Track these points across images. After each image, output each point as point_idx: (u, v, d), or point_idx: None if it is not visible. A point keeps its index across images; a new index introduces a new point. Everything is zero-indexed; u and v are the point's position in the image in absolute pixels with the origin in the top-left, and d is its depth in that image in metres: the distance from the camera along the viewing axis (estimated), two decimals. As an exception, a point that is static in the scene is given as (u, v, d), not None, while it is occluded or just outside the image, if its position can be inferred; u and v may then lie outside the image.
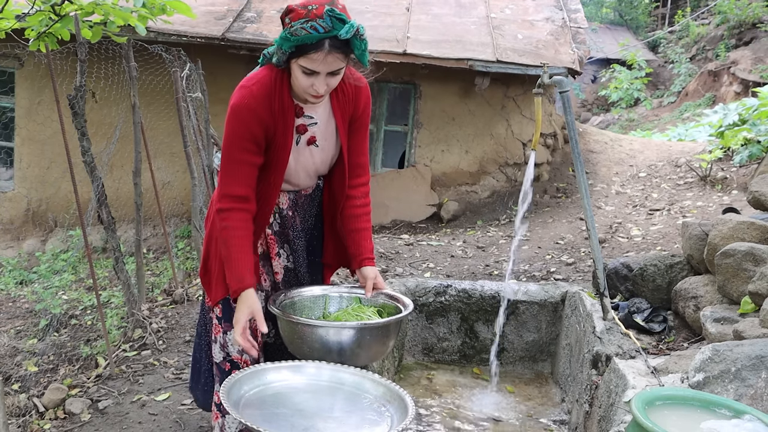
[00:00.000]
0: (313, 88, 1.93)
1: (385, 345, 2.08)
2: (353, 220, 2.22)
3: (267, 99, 1.99)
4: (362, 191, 2.25)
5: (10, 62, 7.66)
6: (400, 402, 1.70)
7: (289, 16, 1.87)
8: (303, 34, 1.83)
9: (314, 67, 1.89)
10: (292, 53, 1.90)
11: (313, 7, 1.84)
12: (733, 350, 1.81)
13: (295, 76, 1.95)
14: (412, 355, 3.65)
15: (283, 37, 1.88)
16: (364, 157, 2.26)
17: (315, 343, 1.96)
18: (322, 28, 1.83)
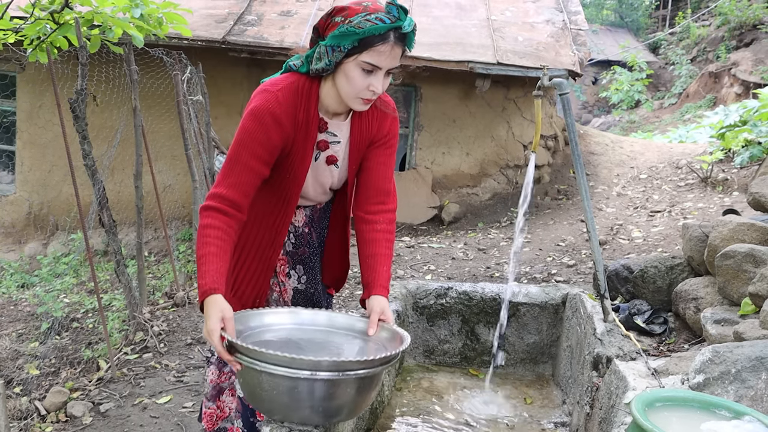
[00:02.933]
0: (370, 88, 1.82)
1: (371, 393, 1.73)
2: (372, 245, 2.04)
3: (292, 108, 1.89)
4: (386, 218, 2.08)
5: (12, 66, 7.68)
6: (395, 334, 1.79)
7: (341, 14, 1.79)
8: (369, 26, 1.74)
9: (379, 62, 1.79)
10: (352, 50, 1.78)
11: (367, 4, 1.78)
12: (733, 352, 1.81)
13: (348, 77, 1.82)
14: (413, 358, 3.65)
15: (340, 34, 1.77)
16: (389, 183, 2.11)
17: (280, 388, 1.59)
18: (389, 19, 1.76)
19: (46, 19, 3.59)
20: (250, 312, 1.82)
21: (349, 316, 1.89)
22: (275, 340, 1.74)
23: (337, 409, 1.59)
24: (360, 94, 1.84)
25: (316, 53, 1.85)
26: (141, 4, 3.72)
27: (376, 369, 1.59)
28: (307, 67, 1.90)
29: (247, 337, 1.72)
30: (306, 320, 1.88)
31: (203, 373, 2.33)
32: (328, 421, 1.61)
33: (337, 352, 1.72)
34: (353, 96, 1.85)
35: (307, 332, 1.83)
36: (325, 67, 1.83)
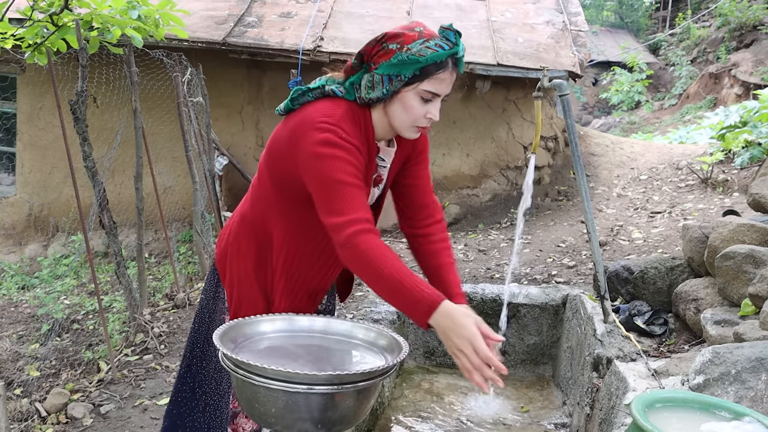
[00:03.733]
0: (428, 116, 1.78)
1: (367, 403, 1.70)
2: (434, 256, 2.02)
3: (359, 138, 1.79)
4: (438, 228, 2.06)
5: (12, 68, 7.68)
6: (393, 342, 1.74)
7: (396, 41, 1.73)
8: (430, 54, 1.71)
9: (439, 89, 1.76)
10: (412, 79, 1.73)
11: (420, 29, 1.75)
12: (733, 352, 1.81)
13: (405, 106, 1.77)
14: (414, 359, 3.65)
15: (399, 62, 1.72)
16: (431, 195, 2.09)
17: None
18: (447, 46, 1.73)
19: (44, 21, 3.59)
20: (245, 320, 1.80)
21: (347, 322, 1.88)
22: (272, 349, 1.72)
23: (338, 419, 1.58)
24: (417, 123, 1.80)
25: (367, 81, 1.78)
26: (138, 5, 3.72)
27: (375, 380, 1.58)
28: (353, 95, 1.82)
29: (243, 347, 1.70)
30: (303, 328, 1.86)
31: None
32: (328, 431, 1.61)
33: (336, 361, 1.70)
34: (409, 125, 1.81)
35: (305, 340, 1.81)
36: (381, 96, 1.77)
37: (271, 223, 1.92)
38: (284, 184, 1.85)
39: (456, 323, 1.58)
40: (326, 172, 1.70)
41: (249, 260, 1.97)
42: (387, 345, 1.79)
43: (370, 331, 1.84)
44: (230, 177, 7.92)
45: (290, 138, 1.80)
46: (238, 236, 2.00)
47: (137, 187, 4.74)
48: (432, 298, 1.61)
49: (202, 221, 6.02)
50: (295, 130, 1.79)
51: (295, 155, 1.78)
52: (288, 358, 1.66)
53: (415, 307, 1.62)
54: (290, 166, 1.81)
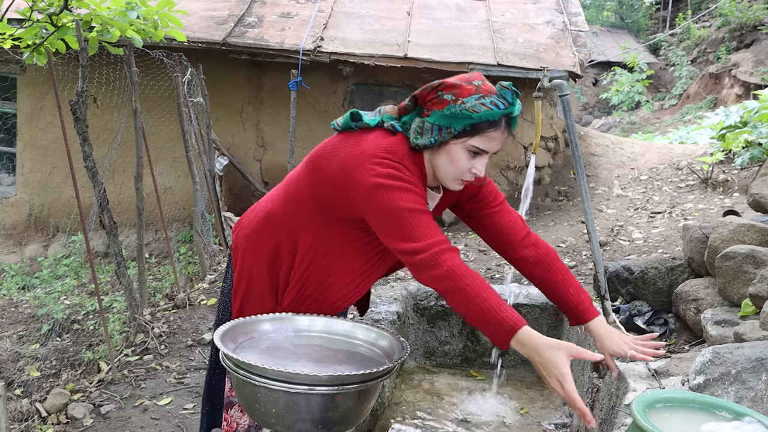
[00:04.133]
0: (473, 171, 1.76)
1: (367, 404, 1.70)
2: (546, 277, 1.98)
3: (417, 174, 1.77)
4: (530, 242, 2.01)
5: (12, 68, 7.69)
6: (393, 343, 1.76)
7: (452, 91, 1.70)
8: (484, 111, 1.68)
9: (488, 147, 1.73)
10: (461, 133, 1.71)
11: (478, 83, 1.72)
12: (733, 353, 1.81)
13: (452, 159, 1.75)
14: (414, 359, 3.65)
15: (451, 115, 1.69)
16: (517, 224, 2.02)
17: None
18: (503, 104, 1.70)
19: (44, 21, 3.59)
20: (245, 320, 1.80)
21: (348, 322, 1.88)
22: (273, 349, 1.72)
23: (338, 420, 1.58)
24: (461, 176, 1.78)
25: (417, 126, 1.76)
26: (137, 6, 3.72)
27: (375, 381, 1.58)
28: (405, 134, 1.79)
29: (244, 347, 1.70)
30: (303, 327, 1.86)
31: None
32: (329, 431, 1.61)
33: (336, 362, 1.70)
34: (452, 177, 1.79)
35: (305, 340, 1.82)
36: (428, 144, 1.75)
37: (301, 230, 1.89)
38: (325, 205, 1.83)
39: (543, 357, 1.55)
40: (393, 202, 1.67)
41: (265, 257, 1.95)
42: (387, 345, 1.79)
43: (371, 332, 1.84)
44: (230, 177, 7.92)
45: (343, 167, 1.76)
46: (260, 231, 1.97)
47: (137, 187, 4.74)
48: (512, 321, 1.58)
49: (203, 221, 6.02)
50: (352, 162, 1.74)
51: (346, 185, 1.74)
52: (289, 359, 1.66)
53: (497, 327, 1.60)
54: (337, 194, 1.78)
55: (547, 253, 2.00)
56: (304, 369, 1.53)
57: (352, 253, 1.88)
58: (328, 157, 1.81)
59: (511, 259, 2.04)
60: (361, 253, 1.89)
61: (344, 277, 1.91)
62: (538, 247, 2.00)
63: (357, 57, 7.32)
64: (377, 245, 1.87)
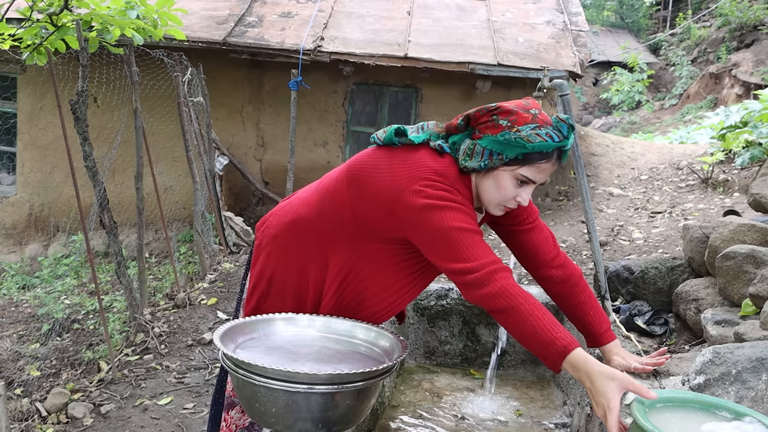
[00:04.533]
0: (517, 199, 1.76)
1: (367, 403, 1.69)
2: (569, 296, 1.99)
3: (468, 197, 1.76)
4: (560, 262, 2.02)
5: (12, 68, 7.69)
6: (392, 342, 1.76)
7: (507, 118, 1.68)
8: (538, 141, 1.66)
9: (537, 178, 1.72)
10: (512, 161, 1.69)
11: (535, 112, 1.70)
12: (733, 352, 1.81)
13: (498, 185, 1.73)
14: (414, 359, 3.65)
15: (505, 141, 1.68)
16: (548, 244, 2.03)
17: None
18: (557, 137, 1.68)
19: (44, 21, 3.59)
20: (245, 320, 1.79)
21: (347, 321, 1.88)
22: (272, 349, 1.72)
23: (338, 419, 1.58)
24: (504, 203, 1.77)
25: (468, 148, 1.73)
26: (137, 5, 3.72)
27: (375, 380, 1.58)
28: (455, 154, 1.76)
29: (244, 346, 1.70)
30: (303, 327, 1.86)
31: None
32: (329, 431, 1.61)
33: (336, 361, 1.70)
34: (496, 203, 1.78)
35: (305, 339, 1.81)
36: (476, 168, 1.72)
37: (336, 242, 1.86)
38: (365, 221, 1.80)
39: (595, 386, 1.52)
40: (444, 222, 1.65)
41: (295, 263, 1.91)
42: (387, 344, 1.79)
43: (371, 331, 1.84)
44: (230, 177, 7.92)
45: (390, 187, 1.72)
46: (290, 234, 1.93)
47: (138, 186, 4.74)
48: (565, 342, 1.56)
49: (203, 221, 6.02)
50: (400, 182, 1.71)
51: (393, 205, 1.71)
52: (288, 358, 1.66)
53: (549, 348, 1.58)
54: (381, 212, 1.75)
55: (573, 274, 2.00)
56: (304, 368, 1.52)
57: (390, 269, 1.85)
58: (372, 174, 1.77)
59: (539, 277, 2.03)
60: (398, 269, 1.86)
61: (380, 293, 1.88)
62: (566, 267, 2.00)
63: (357, 57, 7.32)
64: (416, 263, 1.85)
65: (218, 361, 3.83)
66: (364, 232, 1.81)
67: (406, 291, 1.91)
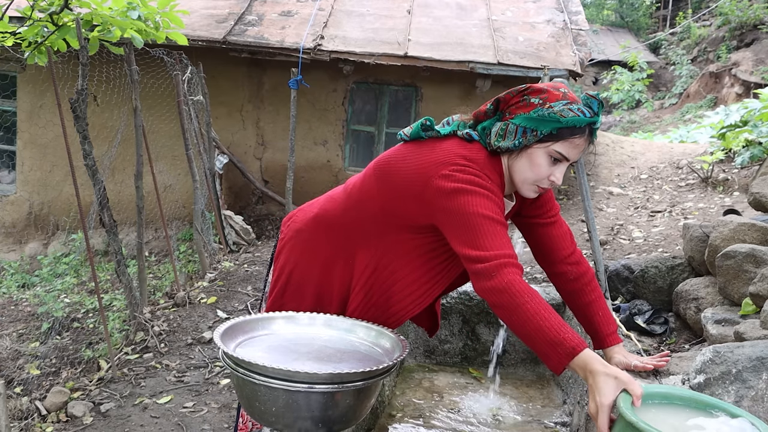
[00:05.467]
0: (551, 178, 1.76)
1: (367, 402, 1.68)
2: (578, 295, 2.01)
3: (497, 182, 1.76)
4: (574, 259, 2.03)
5: (12, 66, 7.68)
6: (393, 341, 1.76)
7: (539, 96, 1.71)
8: (571, 117, 1.68)
9: (570, 154, 1.73)
10: (547, 137, 1.71)
11: (564, 90, 1.73)
12: (733, 352, 1.81)
13: (533, 163, 1.74)
14: (414, 357, 3.65)
15: (539, 118, 1.69)
16: (565, 240, 2.03)
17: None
18: (589, 113, 1.71)
19: (45, 20, 3.58)
20: (246, 319, 1.79)
21: (348, 320, 1.88)
22: (273, 348, 1.72)
23: (338, 418, 1.58)
24: (539, 182, 1.78)
25: (500, 129, 1.74)
26: (138, 6, 3.72)
27: (375, 379, 1.58)
28: (484, 141, 1.78)
29: (245, 346, 1.70)
30: (304, 325, 1.86)
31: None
32: (329, 430, 1.61)
33: (336, 359, 1.70)
34: (531, 182, 1.78)
35: (305, 338, 1.81)
36: (511, 147, 1.74)
37: (362, 238, 1.87)
38: (394, 212, 1.80)
39: (596, 383, 1.51)
40: (471, 207, 1.65)
41: (318, 260, 1.92)
42: (387, 344, 1.79)
43: (371, 330, 1.84)
44: (230, 175, 7.92)
45: (420, 173, 1.73)
46: (314, 230, 1.94)
47: (137, 185, 4.74)
48: (574, 343, 1.54)
49: (203, 220, 6.02)
50: (430, 168, 1.72)
51: (423, 191, 1.72)
52: (289, 357, 1.66)
53: (555, 348, 1.55)
54: (410, 200, 1.75)
55: (586, 272, 2.01)
56: (304, 367, 1.52)
57: (417, 260, 1.86)
58: (400, 165, 1.78)
59: (552, 272, 2.04)
60: (425, 260, 1.86)
61: (408, 286, 1.88)
62: (580, 265, 2.01)
63: (357, 55, 7.31)
64: (442, 253, 1.85)
65: (218, 360, 3.83)
66: (392, 224, 1.82)
67: (433, 283, 1.90)
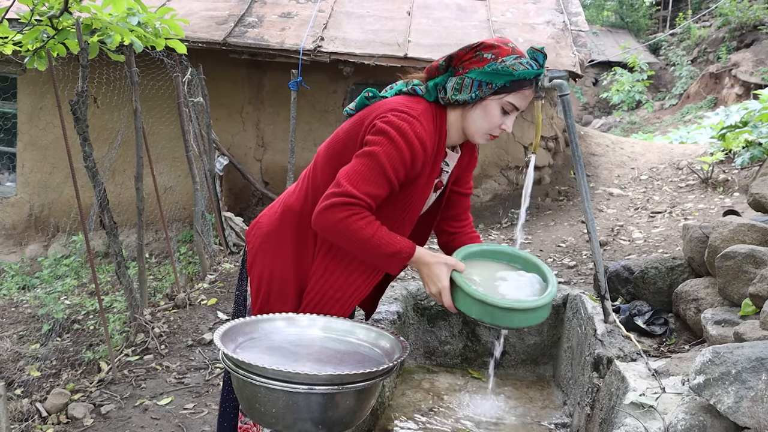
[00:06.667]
0: (503, 127, 1.91)
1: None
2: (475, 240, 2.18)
3: (432, 136, 1.87)
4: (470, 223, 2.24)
5: (13, 68, 7.69)
6: (393, 342, 1.77)
7: (491, 51, 1.83)
8: (522, 69, 1.83)
9: (520, 104, 1.89)
10: (501, 89, 1.84)
11: (512, 45, 1.86)
12: (733, 352, 1.81)
13: (487, 114, 1.88)
14: (414, 359, 3.65)
15: (493, 71, 1.82)
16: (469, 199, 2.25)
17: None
18: (535, 66, 1.86)
19: (44, 24, 3.58)
20: (245, 320, 1.79)
21: (348, 322, 1.88)
22: (273, 349, 1.72)
23: (338, 419, 1.58)
24: (491, 131, 1.91)
25: (456, 84, 1.86)
26: (138, 12, 3.71)
27: (375, 380, 1.58)
28: (433, 97, 1.90)
29: (244, 347, 1.70)
30: (304, 327, 1.86)
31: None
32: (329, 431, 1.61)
33: (336, 361, 1.70)
34: (484, 132, 1.91)
35: (305, 340, 1.81)
36: (467, 100, 1.86)
37: None
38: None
39: (432, 271, 1.83)
40: (380, 154, 1.77)
41: (291, 256, 1.95)
42: (387, 345, 1.79)
43: (371, 331, 1.84)
44: (230, 177, 7.92)
45: (361, 120, 1.87)
46: (281, 225, 1.97)
47: (138, 187, 4.74)
48: (406, 248, 1.82)
49: (203, 221, 6.02)
50: (371, 113, 1.86)
51: (360, 129, 1.85)
52: (288, 358, 1.66)
53: (394, 258, 1.81)
54: (354, 145, 1.86)
55: (472, 238, 2.20)
56: (304, 368, 1.53)
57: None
58: (346, 128, 1.91)
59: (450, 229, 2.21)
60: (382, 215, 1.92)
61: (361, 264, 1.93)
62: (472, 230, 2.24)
63: (357, 57, 7.32)
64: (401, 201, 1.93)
65: (218, 361, 3.83)
66: None
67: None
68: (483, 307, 1.77)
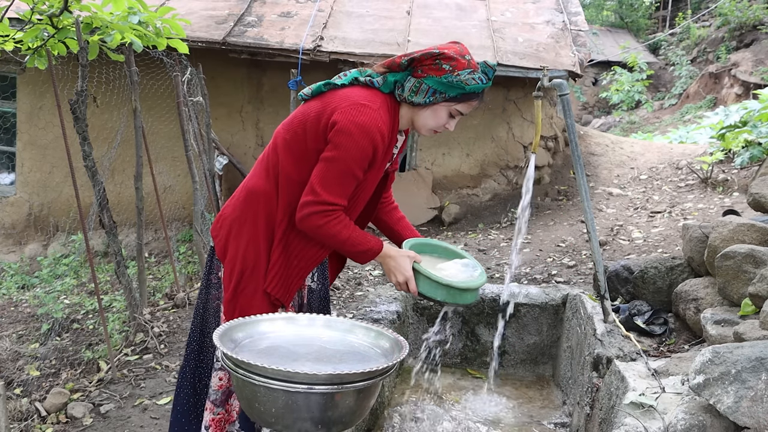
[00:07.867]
0: (447, 126, 2.16)
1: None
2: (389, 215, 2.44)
3: (389, 125, 2.07)
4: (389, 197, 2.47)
5: (12, 67, 7.68)
6: (393, 342, 1.78)
7: (450, 63, 2.03)
8: (473, 84, 2.05)
9: (466, 111, 2.13)
10: (452, 99, 2.07)
11: (468, 58, 2.06)
12: (733, 352, 1.81)
13: (436, 116, 2.12)
14: (413, 358, 3.65)
15: (448, 83, 2.03)
16: None
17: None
18: (485, 80, 2.08)
19: (44, 23, 3.57)
20: (244, 320, 1.79)
21: (347, 321, 1.88)
22: (272, 349, 1.72)
23: (338, 419, 1.58)
24: (436, 129, 2.16)
25: (414, 86, 2.06)
26: (139, 11, 3.70)
27: (375, 380, 1.58)
28: (388, 89, 2.09)
29: (244, 347, 1.70)
30: (303, 326, 1.86)
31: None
32: (328, 431, 1.61)
33: (336, 360, 1.70)
34: (429, 128, 2.16)
35: (305, 339, 1.81)
36: (421, 103, 2.08)
37: (284, 195, 2.06)
38: (303, 154, 2.04)
39: (398, 263, 2.10)
40: (344, 152, 1.96)
41: (261, 235, 2.08)
42: (387, 344, 1.79)
43: (370, 331, 1.84)
44: (230, 177, 7.92)
45: (321, 110, 2.01)
46: (245, 211, 2.10)
47: (137, 186, 4.73)
48: (376, 245, 2.09)
49: (202, 221, 6.02)
50: (329, 103, 2.01)
51: (324, 126, 1.99)
52: (288, 358, 1.66)
53: (366, 254, 2.09)
54: (316, 139, 2.01)
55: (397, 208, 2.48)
56: (304, 368, 1.52)
57: None
58: (306, 113, 2.06)
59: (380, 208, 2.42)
60: None
61: None
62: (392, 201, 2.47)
63: (357, 56, 7.31)
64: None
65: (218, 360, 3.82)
66: (305, 167, 2.04)
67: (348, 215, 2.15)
68: (447, 290, 2.09)
